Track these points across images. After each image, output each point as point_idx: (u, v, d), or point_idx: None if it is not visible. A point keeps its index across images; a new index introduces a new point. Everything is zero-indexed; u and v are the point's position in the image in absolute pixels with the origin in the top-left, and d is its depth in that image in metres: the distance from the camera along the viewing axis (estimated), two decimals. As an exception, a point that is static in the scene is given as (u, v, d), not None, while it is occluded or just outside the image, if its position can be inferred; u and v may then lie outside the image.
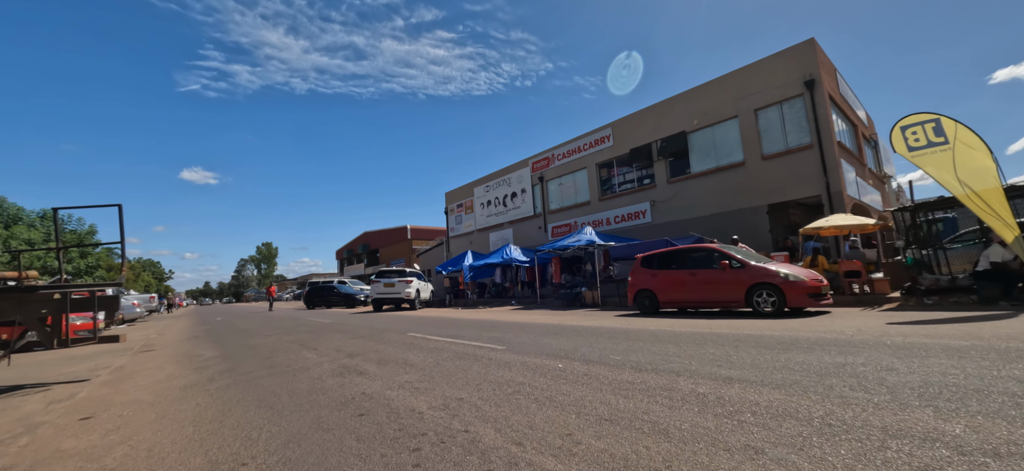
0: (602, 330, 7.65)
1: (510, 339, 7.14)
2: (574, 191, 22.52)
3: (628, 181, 20.21)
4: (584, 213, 21.62)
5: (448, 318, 12.47)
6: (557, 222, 22.95)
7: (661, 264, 10.53)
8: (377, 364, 5.70)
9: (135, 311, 18.86)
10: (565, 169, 22.86)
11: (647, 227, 18.91)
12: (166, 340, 11.01)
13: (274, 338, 9.63)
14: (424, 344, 7.19)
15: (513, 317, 11.66)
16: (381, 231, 51.00)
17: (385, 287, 17.70)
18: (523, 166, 25.22)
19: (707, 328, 7.09)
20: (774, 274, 8.55)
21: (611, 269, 14.49)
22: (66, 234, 23.62)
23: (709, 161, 17.52)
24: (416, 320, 12.41)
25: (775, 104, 15.88)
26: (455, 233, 30.31)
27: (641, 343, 5.97)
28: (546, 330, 8.12)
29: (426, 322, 11.49)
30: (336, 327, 11.33)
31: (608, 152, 20.85)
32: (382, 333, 9.14)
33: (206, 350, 8.35)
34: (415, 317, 13.68)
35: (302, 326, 12.41)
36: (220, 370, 6.16)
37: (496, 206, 26.77)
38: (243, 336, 10.52)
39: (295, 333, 10.40)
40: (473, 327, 9.43)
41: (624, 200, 20.06)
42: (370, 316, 15.27)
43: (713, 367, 4.30)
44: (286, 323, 13.86)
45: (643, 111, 19.78)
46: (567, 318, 10.46)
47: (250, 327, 13.17)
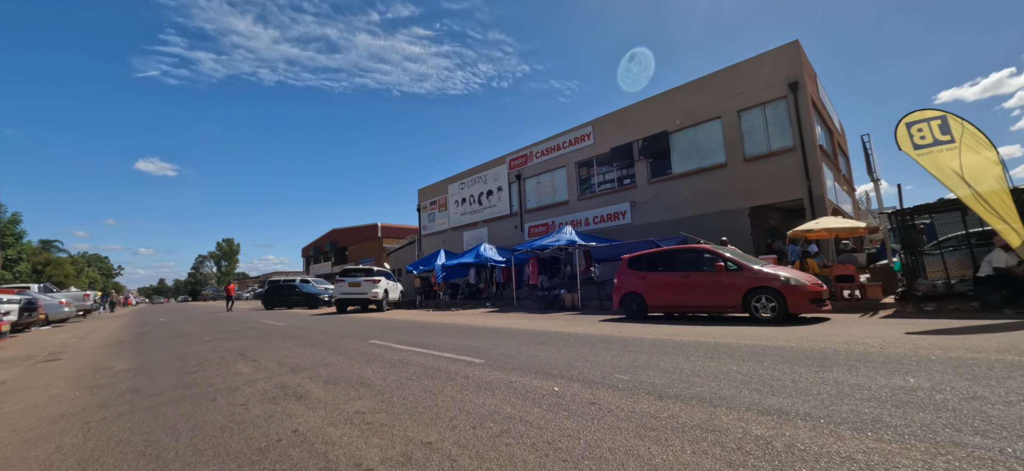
0: (592, 338, 6.70)
1: (489, 349, 6.08)
2: (552, 190, 21.66)
3: (608, 181, 19.50)
4: (562, 213, 20.78)
5: (418, 322, 11.28)
6: (534, 222, 22.02)
7: (650, 266, 9.71)
8: (324, 384, 4.53)
9: (63, 310, 16.67)
10: (543, 167, 21.98)
11: (627, 228, 18.22)
12: (84, 346, 9.36)
13: (212, 344, 8.21)
14: (387, 355, 6.04)
15: (489, 321, 10.59)
16: (350, 229, 48.84)
17: (350, 287, 16.28)
18: (499, 163, 24.19)
19: (710, 336, 6.24)
20: (774, 277, 7.84)
21: (593, 271, 13.65)
22: None
23: (691, 162, 16.99)
24: (382, 323, 11.16)
25: (758, 106, 15.47)
26: (428, 231, 28.95)
27: (645, 356, 5.03)
28: (529, 337, 7.10)
29: (393, 326, 10.27)
30: (289, 332, 9.95)
31: (588, 150, 20.09)
32: (340, 340, 7.89)
33: (121, 361, 6.90)
34: (381, 320, 12.40)
35: (251, 330, 10.94)
36: (122, 390, 4.83)
37: (471, 204, 25.62)
38: (177, 342, 9.02)
39: (239, 338, 8.99)
40: (446, 333, 8.31)
41: (604, 200, 19.33)
42: (332, 318, 13.86)
43: (751, 393, 3.38)
44: (234, 326, 12.30)
45: (624, 109, 19.13)
46: (549, 323, 9.48)
47: (191, 330, 11.57)
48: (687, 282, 8.84)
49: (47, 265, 49.87)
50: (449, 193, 27.16)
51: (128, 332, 12.22)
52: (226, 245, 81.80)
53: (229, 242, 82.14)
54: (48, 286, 18.74)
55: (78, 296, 19.34)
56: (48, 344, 10.14)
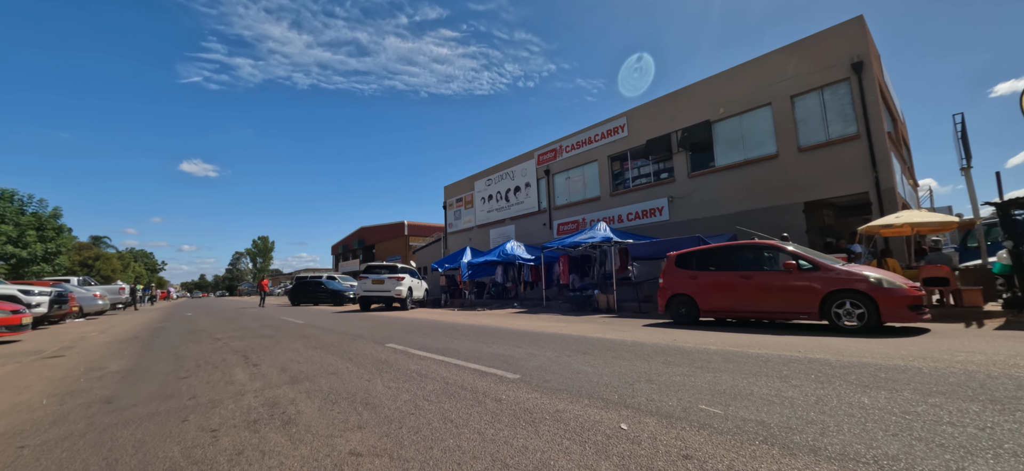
0: (644, 348, 5.58)
1: (523, 360, 5.05)
2: (583, 186, 20.46)
3: (644, 175, 18.17)
4: (594, 209, 19.56)
5: (442, 322, 10.37)
6: (563, 218, 20.88)
7: (702, 264, 8.46)
8: (322, 402, 3.61)
9: (97, 303, 16.65)
10: (573, 162, 20.80)
11: (665, 225, 16.87)
12: (96, 341, 8.88)
13: (220, 344, 7.52)
14: (403, 364, 5.10)
15: (519, 323, 9.57)
16: (377, 226, 48.85)
17: (374, 284, 15.59)
18: (528, 158, 23.16)
19: (792, 348, 5.02)
20: (862, 279, 6.50)
21: (630, 270, 12.45)
22: (25, 217, 21.35)
23: (736, 153, 15.50)
24: (404, 324, 10.32)
25: (815, 90, 13.88)
26: (454, 229, 28.21)
27: (727, 376, 3.89)
28: (568, 345, 6.04)
29: (415, 327, 9.40)
30: (303, 331, 9.21)
31: (622, 143, 18.81)
32: (354, 342, 7.03)
33: (120, 360, 6.24)
34: (403, 320, 11.58)
35: (267, 328, 10.30)
36: (93, 400, 4.06)
37: (498, 201, 24.69)
38: (187, 340, 8.40)
39: (250, 337, 8.29)
40: (472, 336, 7.34)
41: (639, 196, 18.01)
42: (353, 317, 13.16)
43: (930, 448, 2.23)
44: (252, 323, 11.74)
45: (661, 99, 17.76)
46: (586, 327, 8.38)
47: (208, 327, 11.04)
48: (748, 284, 7.57)
49: (97, 259, 52.11)
50: (475, 190, 26.32)
51: (149, 327, 11.83)
52: (261, 242, 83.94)
53: (264, 239, 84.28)
54: (87, 279, 18.93)
55: (114, 290, 19.49)
56: (66, 338, 9.76)
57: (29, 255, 20.14)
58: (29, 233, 20.51)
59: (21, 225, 20.33)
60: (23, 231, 20.27)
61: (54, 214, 22.70)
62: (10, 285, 11.86)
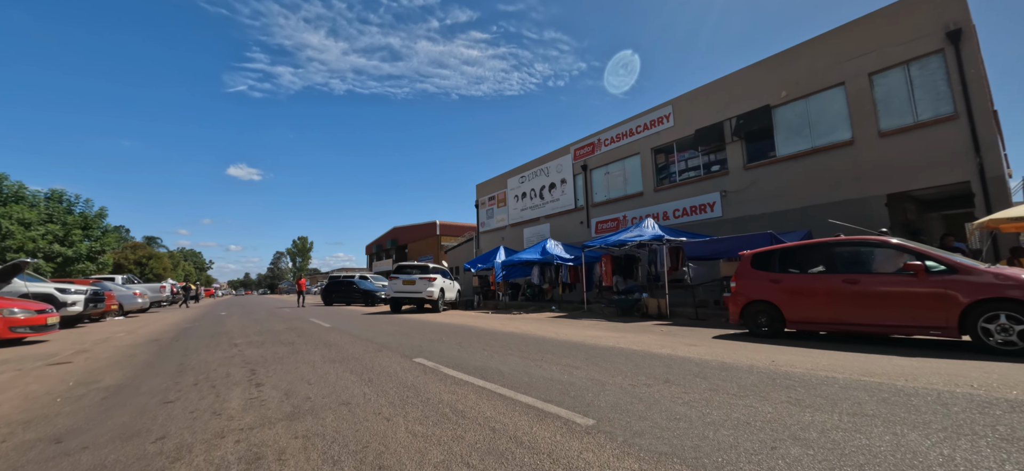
0: (741, 374, 4.25)
1: (590, 391, 3.85)
2: (623, 181, 18.98)
3: (692, 168, 16.54)
4: (635, 206, 18.06)
5: (477, 329, 9.28)
6: (602, 216, 19.46)
7: (787, 265, 6.99)
8: (320, 459, 2.53)
9: (136, 302, 16.60)
10: (613, 155, 19.35)
11: (717, 222, 15.21)
12: (115, 344, 8.29)
13: (235, 352, 6.69)
14: (433, 391, 4.00)
15: (565, 332, 8.35)
16: (410, 226, 48.67)
17: (404, 285, 14.73)
18: (563, 153, 21.86)
19: (949, 378, 3.58)
20: (1018, 284, 4.92)
21: (686, 271, 10.98)
22: (72, 216, 21.90)
23: (801, 141, 13.69)
24: (435, 329, 9.29)
25: (899, 65, 11.97)
26: (486, 228, 27.23)
27: (915, 434, 2.55)
28: (638, 366, 4.78)
29: (447, 334, 8.34)
30: (326, 337, 8.32)
31: (667, 134, 17.23)
32: (378, 354, 6.01)
33: (120, 371, 5.45)
34: (435, 324, 10.58)
35: (291, 331, 9.52)
36: (39, 436, 3.14)
37: (532, 199, 23.50)
38: (202, 344, 7.66)
39: (268, 345, 7.44)
40: (515, 349, 6.19)
41: (686, 190, 16.39)
42: (382, 319, 12.31)
43: None
44: (278, 325, 11.04)
45: (713, 84, 16.08)
46: (647, 339, 7.07)
47: (231, 329, 10.40)
48: (854, 290, 6.06)
49: (149, 258, 54.44)
50: (508, 187, 25.24)
51: (178, 328, 11.34)
52: (300, 242, 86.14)
53: (303, 240, 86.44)
54: (130, 278, 19.10)
55: (155, 288, 19.62)
56: (91, 339, 9.29)
57: (74, 254, 20.58)
58: (75, 232, 20.96)
59: (68, 225, 20.84)
60: (69, 230, 20.76)
61: (100, 214, 23.23)
62: (48, 283, 11.66)
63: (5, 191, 19.40)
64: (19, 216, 18.34)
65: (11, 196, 19.70)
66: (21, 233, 17.94)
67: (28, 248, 18.03)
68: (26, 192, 20.69)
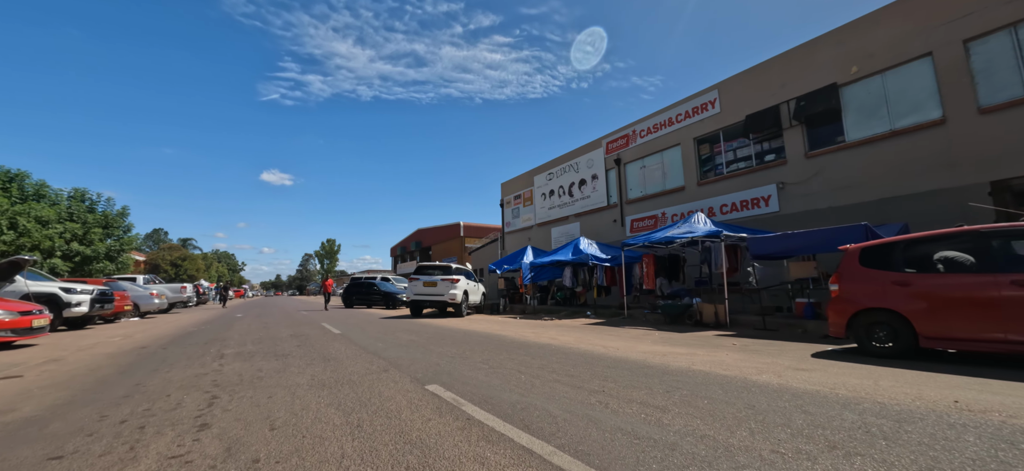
0: (930, 420, 2.65)
1: (714, 467, 2.35)
2: (661, 175, 17.24)
3: (742, 159, 14.69)
4: (676, 202, 16.30)
5: (508, 340, 7.84)
6: (638, 214, 17.76)
7: (914, 261, 5.27)
8: None
9: (153, 302, 15.93)
10: (650, 148, 17.64)
11: (773, 218, 13.33)
12: (88, 355, 7.24)
13: (214, 368, 5.47)
14: (450, 455, 2.57)
15: (617, 345, 6.83)
16: (434, 228, 47.81)
17: (425, 286, 13.46)
18: (595, 147, 20.25)
19: None
20: None
21: (751, 272, 9.25)
22: (93, 215, 21.60)
23: (877, 122, 11.72)
24: (458, 339, 7.91)
25: (1003, 28, 9.94)
26: (511, 228, 25.83)
27: None
28: (756, 408, 3.25)
29: (473, 346, 6.94)
30: (328, 349, 7.04)
31: (712, 122, 15.43)
32: (382, 377, 4.64)
33: (52, 395, 4.27)
34: (458, 332, 9.21)
35: (293, 339, 8.32)
36: None
37: (560, 196, 21.96)
38: (186, 355, 6.52)
39: (259, 357, 6.21)
40: (561, 372, 4.72)
41: (736, 184, 14.55)
42: (400, 325, 11.05)
43: None
44: (283, 331, 9.91)
45: (766, 63, 14.23)
46: (722, 357, 5.47)
47: (231, 335, 9.32)
48: (1020, 297, 4.32)
49: (184, 259, 55.49)
50: (535, 185, 23.77)
51: (179, 333, 10.36)
52: (328, 245, 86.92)
53: (331, 242, 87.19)
54: (152, 278, 18.61)
55: (175, 289, 19.05)
56: (84, 343, 8.33)
57: (93, 253, 20.23)
58: (95, 231, 20.64)
59: (88, 223, 20.55)
60: (89, 229, 20.46)
61: (121, 213, 22.98)
62: (53, 282, 10.91)
63: (26, 189, 19.26)
64: (37, 214, 18.07)
65: (32, 194, 19.58)
66: (38, 231, 17.65)
67: (44, 246, 17.75)
68: (48, 190, 20.58)
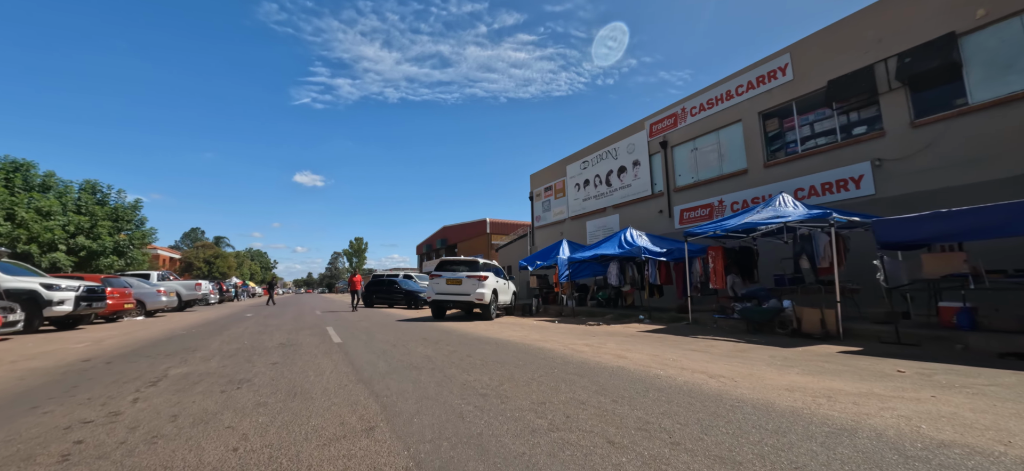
0: None
1: None
2: (717, 157, 14.86)
3: (822, 134, 12.20)
4: (737, 187, 13.92)
5: (557, 357, 5.88)
6: (688, 203, 15.45)
7: None
8: None
9: (160, 299, 14.78)
10: (703, 127, 15.28)
11: (865, 203, 10.84)
12: (24, 368, 5.72)
13: (132, 406, 3.77)
14: None
15: (719, 371, 4.76)
16: (459, 225, 46.32)
17: (449, 285, 11.65)
18: (636, 130, 17.99)
19: None
20: None
21: (877, 267, 6.91)
22: (103, 208, 20.80)
23: (1016, 79, 9.11)
24: (488, 358, 6.00)
25: None
26: (542, 222, 23.81)
27: None
28: None
29: (511, 371, 5.01)
30: (306, 381, 5.25)
31: (782, 92, 12.98)
32: (359, 444, 2.78)
33: None
34: (488, 343, 7.30)
35: (277, 350, 6.65)
36: None
37: (597, 186, 19.79)
38: (114, 379, 4.89)
39: (206, 385, 4.50)
40: (685, 438, 2.73)
41: (814, 163, 12.08)
42: (418, 329, 9.27)
43: None
44: (273, 338, 8.28)
45: (854, 17, 11.69)
46: (922, 400, 3.34)
47: (215, 345, 7.74)
48: None
49: (216, 258, 56.07)
50: (568, 175, 21.68)
51: (152, 339, 8.91)
52: (356, 243, 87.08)
53: (359, 240, 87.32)
54: (165, 274, 17.64)
55: (190, 285, 18.01)
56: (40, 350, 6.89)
57: (99, 247, 19.42)
58: (103, 224, 19.81)
59: (96, 216, 19.77)
60: (96, 222, 19.66)
61: (134, 206, 22.21)
62: (33, 276, 9.69)
63: (32, 181, 18.59)
64: (37, 205, 17.27)
65: (38, 186, 18.90)
66: (37, 223, 16.87)
67: (44, 239, 16.96)
68: (55, 181, 19.88)
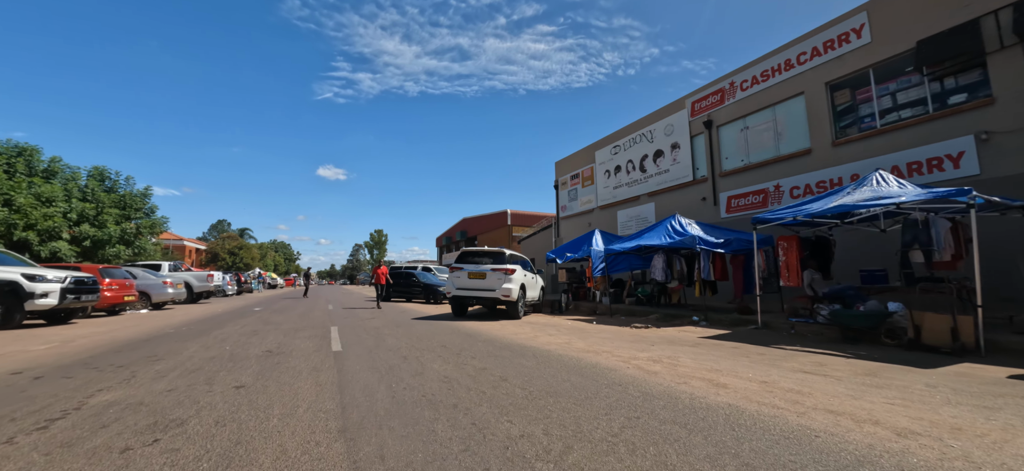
0: None
1: None
2: (773, 137, 13.04)
3: (908, 104, 10.29)
4: (799, 170, 12.12)
5: (628, 383, 4.45)
6: (738, 188, 13.69)
7: None
8: None
9: (167, 291, 13.97)
10: (756, 103, 13.45)
11: (968, 184, 8.92)
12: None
13: (74, 446, 2.53)
14: None
15: (910, 420, 3.25)
16: (479, 217, 45.08)
17: (471, 279, 10.32)
18: (675, 109, 16.22)
19: None
20: None
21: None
22: (109, 195, 20.04)
23: None
24: (529, 384, 4.61)
25: None
26: (567, 213, 22.25)
27: None
28: None
29: (567, 410, 3.63)
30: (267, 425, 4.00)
31: (856, 58, 11.08)
32: None
33: None
34: (524, 356, 5.91)
35: (259, 361, 5.42)
36: None
37: (629, 172, 18.11)
38: (34, 407, 3.69)
39: (131, 419, 3.26)
40: None
41: (899, 139, 10.20)
42: (437, 330, 7.98)
43: None
44: (264, 343, 7.09)
45: (954, -37, 9.69)
46: None
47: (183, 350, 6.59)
48: None
49: (240, 249, 56.40)
50: (596, 161, 20.02)
51: (130, 340, 7.86)
52: (376, 235, 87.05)
53: (379, 232, 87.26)
54: (176, 265, 16.93)
55: (201, 276, 17.26)
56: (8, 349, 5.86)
57: (105, 236, 18.74)
58: (109, 212, 19.10)
59: (102, 203, 19.07)
60: (102, 209, 18.98)
61: (143, 193, 21.48)
62: (16, 266, 8.80)
63: (35, 167, 17.94)
64: (38, 191, 16.57)
65: (44, 172, 18.30)
66: (37, 210, 16.22)
67: (43, 226, 16.31)
68: (60, 167, 19.23)
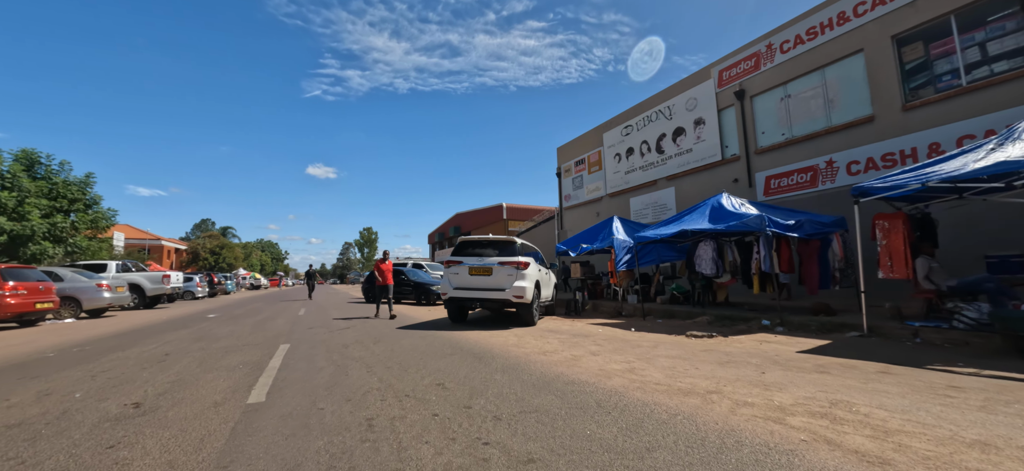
0: None
1: None
2: (822, 104, 11.06)
3: (1002, 56, 8.35)
4: (856, 142, 10.16)
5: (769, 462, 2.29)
6: (779, 167, 11.71)
7: None
8: None
9: (102, 296, 11.48)
10: (800, 67, 11.45)
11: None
12: None
13: None
14: None
15: None
16: (474, 212, 42.81)
17: (473, 275, 8.17)
18: (700, 80, 14.18)
19: None
20: None
21: None
22: (35, 183, 16.55)
23: None
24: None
25: None
26: (572, 202, 20.15)
27: None
28: None
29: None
30: None
31: (929, 4, 9.12)
32: None
33: None
34: (579, 412, 3.78)
35: (115, 423, 3.20)
36: None
37: (644, 155, 16.05)
38: None
39: None
40: None
41: (987, 100, 8.27)
42: (425, 346, 5.85)
43: None
44: (161, 375, 4.90)
45: None
46: None
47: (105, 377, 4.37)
48: None
49: (222, 248, 53.39)
50: (604, 144, 17.95)
51: (46, 355, 5.59)
52: (366, 233, 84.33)
53: (369, 230, 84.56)
54: (126, 264, 14.50)
55: (155, 277, 14.81)
56: None
57: (26, 230, 15.87)
58: (32, 202, 16.15)
59: (27, 192, 16.15)
60: (23, 200, 16.09)
61: (83, 182, 18.48)
62: None
63: None
64: None
65: None
66: None
67: None
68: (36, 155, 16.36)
